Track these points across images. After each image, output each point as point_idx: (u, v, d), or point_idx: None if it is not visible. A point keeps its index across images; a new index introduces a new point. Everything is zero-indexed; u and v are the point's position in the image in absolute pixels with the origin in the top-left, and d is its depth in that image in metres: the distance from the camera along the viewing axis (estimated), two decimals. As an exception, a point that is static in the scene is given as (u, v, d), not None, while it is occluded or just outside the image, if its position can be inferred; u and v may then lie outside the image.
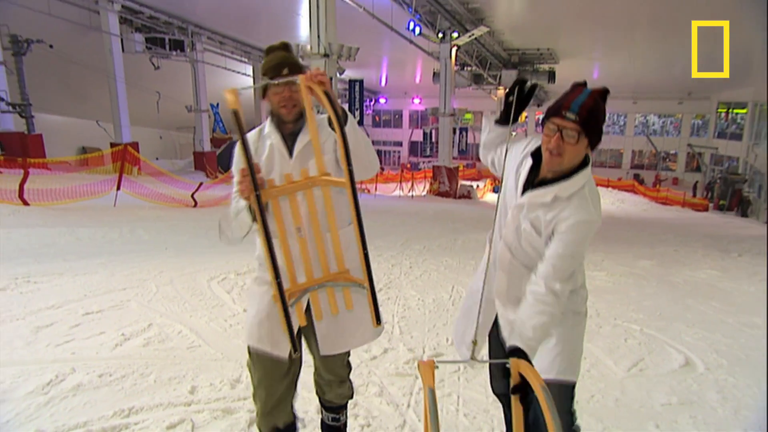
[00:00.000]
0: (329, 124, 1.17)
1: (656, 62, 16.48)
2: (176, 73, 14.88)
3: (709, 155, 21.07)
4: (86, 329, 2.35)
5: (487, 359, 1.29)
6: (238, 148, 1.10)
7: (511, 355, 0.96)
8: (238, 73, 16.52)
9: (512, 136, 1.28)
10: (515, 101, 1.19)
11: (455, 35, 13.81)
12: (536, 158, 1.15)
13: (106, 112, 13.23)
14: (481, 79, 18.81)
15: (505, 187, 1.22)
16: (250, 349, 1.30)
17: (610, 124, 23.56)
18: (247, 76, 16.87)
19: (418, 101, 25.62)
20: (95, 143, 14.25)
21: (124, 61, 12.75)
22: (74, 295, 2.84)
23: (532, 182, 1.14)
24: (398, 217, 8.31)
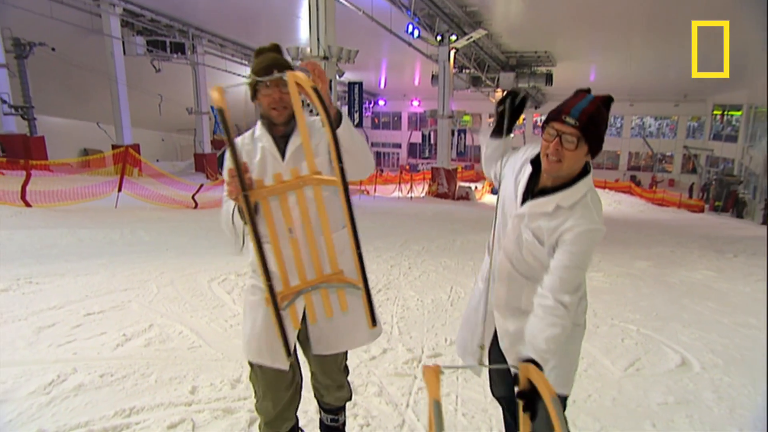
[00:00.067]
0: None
1: (652, 65, 16.51)
2: (177, 75, 14.95)
3: (704, 157, 21.17)
4: (88, 330, 2.36)
5: (494, 365, 1.25)
6: (227, 148, 1.07)
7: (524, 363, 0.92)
8: (238, 75, 16.57)
9: (511, 137, 1.29)
10: (507, 112, 1.18)
11: (453, 38, 13.88)
12: (536, 165, 1.12)
13: (107, 114, 13.30)
14: (479, 81, 18.89)
15: (503, 196, 1.19)
16: (251, 362, 1.28)
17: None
18: (247, 78, 16.92)
19: (416, 103, 25.62)
20: (97, 145, 14.31)
21: (125, 63, 12.85)
22: (76, 295, 2.85)
23: (532, 191, 1.11)
24: (397, 218, 8.33)
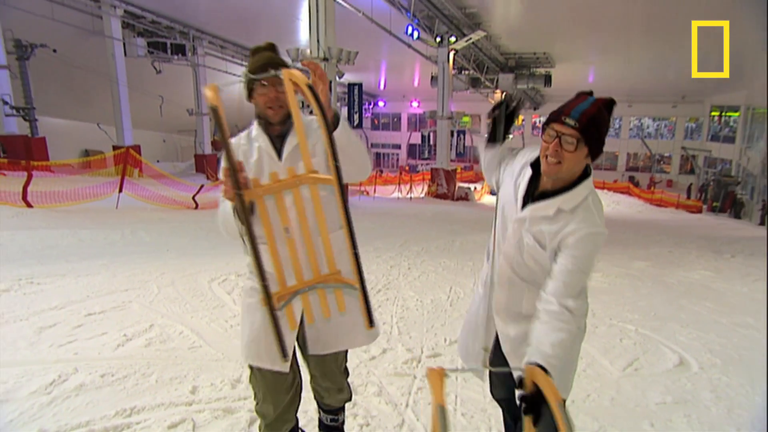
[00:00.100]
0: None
1: (651, 66, 16.56)
2: (178, 76, 14.99)
3: (702, 158, 21.27)
4: (88, 330, 2.37)
5: (498, 368, 1.22)
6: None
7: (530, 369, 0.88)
8: (238, 76, 16.61)
9: (509, 139, 1.29)
10: (501, 119, 1.18)
11: (453, 39, 13.95)
12: (535, 168, 1.10)
13: (108, 115, 13.35)
14: (478, 82, 18.96)
15: (502, 200, 1.18)
16: (251, 365, 1.27)
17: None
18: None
19: (416, 104, 25.66)
20: (98, 146, 14.35)
21: (126, 65, 12.90)
22: (77, 296, 2.86)
23: (532, 194, 1.10)
24: (397, 218, 8.34)
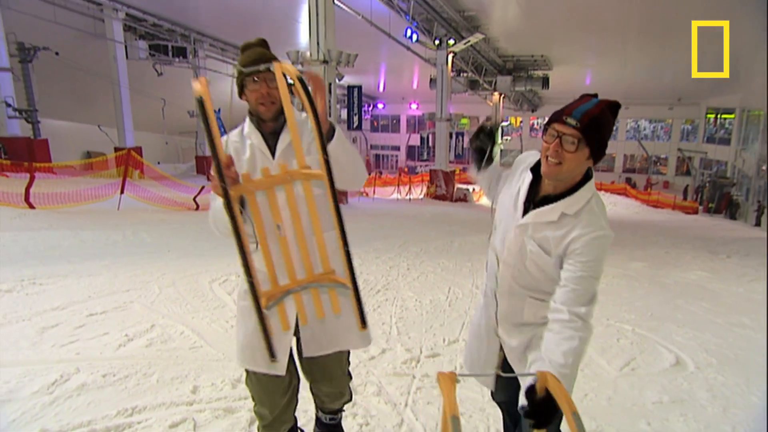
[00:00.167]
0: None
1: (647, 69, 16.68)
2: (179, 79, 15.04)
3: (698, 159, 21.42)
4: (90, 330, 2.38)
5: (509, 373, 1.17)
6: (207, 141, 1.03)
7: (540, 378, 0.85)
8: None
9: (508, 141, 1.30)
10: (481, 145, 1.18)
11: (451, 42, 14.05)
12: (535, 174, 1.08)
13: (110, 117, 13.41)
14: (476, 85, 19.05)
15: (501, 207, 1.16)
16: (246, 369, 1.25)
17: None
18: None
19: (415, 106, 25.71)
20: (99, 148, 14.40)
21: (128, 67, 13.00)
22: (79, 296, 2.87)
23: (533, 200, 1.07)
24: (396, 219, 8.35)
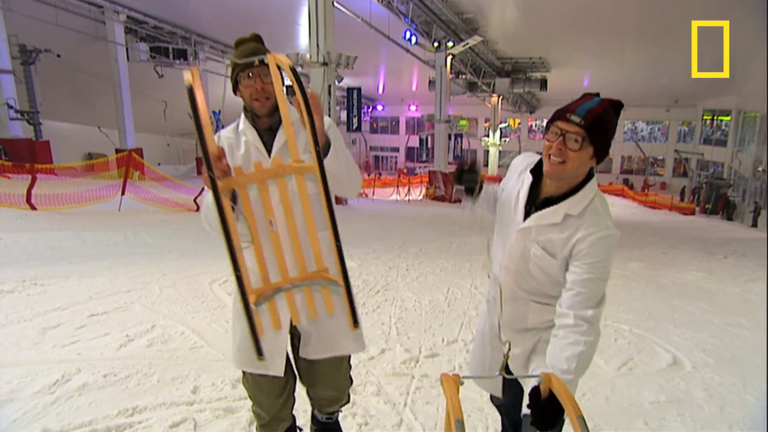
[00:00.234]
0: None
1: (644, 71, 16.72)
2: (180, 81, 14.94)
3: (695, 161, 21.55)
4: (91, 330, 2.39)
5: (514, 375, 1.16)
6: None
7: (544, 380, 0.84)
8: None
9: (506, 142, 1.31)
10: (469, 184, 1.16)
11: (450, 44, 14.16)
12: (535, 176, 1.05)
13: (111, 119, 13.46)
14: (475, 86, 19.17)
15: (501, 211, 1.13)
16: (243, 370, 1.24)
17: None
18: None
19: (414, 108, 25.85)
20: (101, 149, 14.43)
21: (129, 69, 13.05)
22: (80, 297, 2.88)
23: (534, 202, 1.04)
24: (395, 220, 8.38)
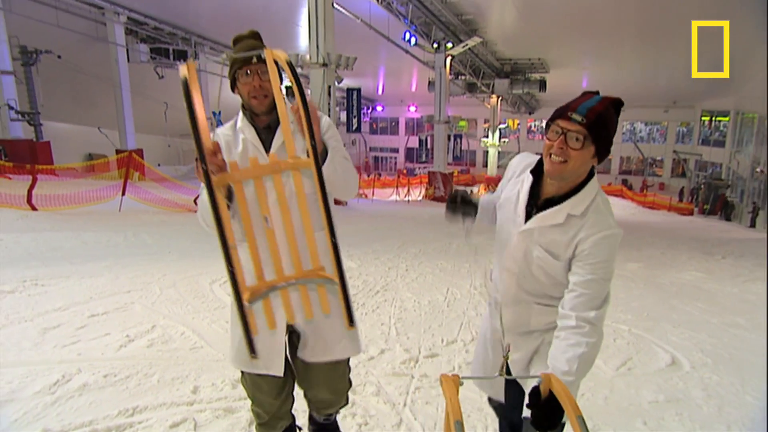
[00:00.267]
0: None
1: (643, 72, 16.74)
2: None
3: (693, 161, 21.63)
4: (92, 331, 2.40)
5: (514, 375, 1.15)
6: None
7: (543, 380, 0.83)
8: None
9: (505, 143, 1.33)
10: (466, 213, 1.21)
11: (450, 45, 14.20)
12: (536, 176, 1.04)
13: (112, 120, 13.49)
14: (474, 87, 19.22)
15: (500, 215, 1.11)
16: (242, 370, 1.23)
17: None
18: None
19: (414, 109, 25.94)
20: (101, 150, 14.46)
21: (129, 70, 13.09)
22: (80, 297, 2.89)
23: (535, 204, 1.03)
24: (395, 221, 8.40)
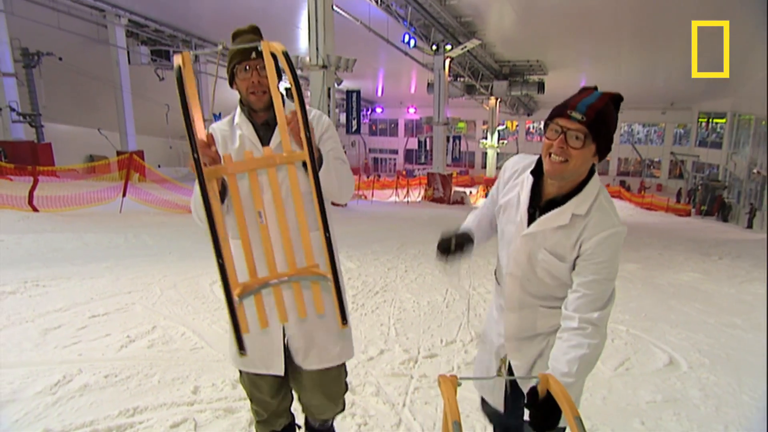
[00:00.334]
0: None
1: (641, 73, 16.81)
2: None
3: (691, 163, 21.70)
4: (92, 331, 2.41)
5: (512, 376, 1.13)
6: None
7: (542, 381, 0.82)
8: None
9: (504, 144, 1.32)
10: (452, 251, 1.13)
11: (448, 47, 14.26)
12: (536, 176, 1.01)
13: (113, 121, 13.54)
14: (473, 89, 19.26)
15: (501, 218, 1.10)
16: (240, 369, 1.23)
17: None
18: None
19: (413, 111, 26.03)
20: (102, 151, 14.49)
21: (130, 72, 13.15)
22: (81, 298, 2.90)
23: (537, 205, 1.00)
24: (394, 222, 8.41)
